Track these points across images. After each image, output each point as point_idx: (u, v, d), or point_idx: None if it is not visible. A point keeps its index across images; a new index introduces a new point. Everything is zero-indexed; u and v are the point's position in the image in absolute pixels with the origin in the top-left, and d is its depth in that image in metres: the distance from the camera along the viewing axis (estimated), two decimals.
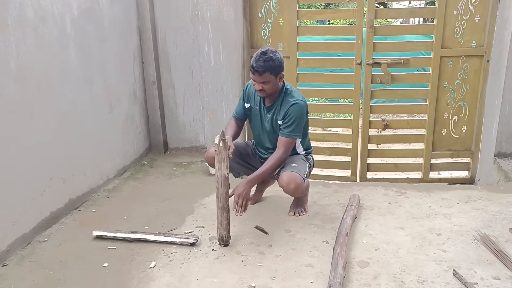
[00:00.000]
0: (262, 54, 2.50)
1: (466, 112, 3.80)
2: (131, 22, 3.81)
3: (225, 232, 2.41)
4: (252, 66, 2.51)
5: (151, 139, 4.27)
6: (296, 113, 2.60)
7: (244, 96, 2.82)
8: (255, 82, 2.57)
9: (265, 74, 2.50)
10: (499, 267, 2.14)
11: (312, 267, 2.21)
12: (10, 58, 2.37)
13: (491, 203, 2.91)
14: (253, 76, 2.54)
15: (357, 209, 2.79)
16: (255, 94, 2.74)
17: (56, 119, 2.79)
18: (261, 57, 2.49)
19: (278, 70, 2.54)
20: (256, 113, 2.77)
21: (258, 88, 2.57)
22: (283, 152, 2.62)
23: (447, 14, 3.59)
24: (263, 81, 2.52)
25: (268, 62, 2.49)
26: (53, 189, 2.75)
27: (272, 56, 2.50)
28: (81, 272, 2.21)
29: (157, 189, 3.38)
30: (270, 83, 2.55)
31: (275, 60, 2.51)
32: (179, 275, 2.16)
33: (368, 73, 3.79)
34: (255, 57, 2.52)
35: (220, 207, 2.40)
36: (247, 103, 2.80)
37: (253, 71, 2.51)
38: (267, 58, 2.49)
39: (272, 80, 2.54)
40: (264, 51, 2.52)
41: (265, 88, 2.56)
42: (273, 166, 2.60)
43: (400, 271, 2.15)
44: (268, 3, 3.80)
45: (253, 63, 2.51)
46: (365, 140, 3.93)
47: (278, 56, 2.54)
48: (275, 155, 2.61)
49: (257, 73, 2.50)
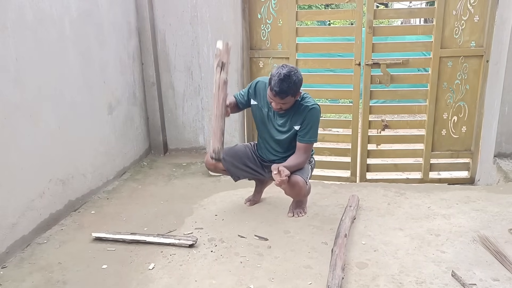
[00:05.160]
0: (285, 77, 2.39)
1: (465, 112, 3.80)
2: (130, 23, 3.81)
3: (219, 143, 2.35)
4: (274, 90, 2.41)
5: (151, 140, 4.27)
6: (314, 118, 2.61)
7: (251, 91, 2.73)
8: (271, 100, 2.51)
9: (287, 98, 2.46)
10: (498, 268, 2.14)
11: (311, 268, 2.21)
12: (9, 60, 2.38)
13: (490, 203, 2.91)
14: (273, 97, 2.46)
15: (356, 210, 2.79)
16: (265, 94, 2.65)
17: (56, 120, 2.79)
18: (285, 81, 2.39)
19: (299, 90, 2.51)
20: (263, 115, 2.72)
21: (276, 107, 2.52)
22: (306, 158, 2.67)
23: (446, 14, 3.59)
24: (283, 102, 2.49)
25: (292, 87, 2.42)
26: (52, 190, 2.75)
27: (295, 80, 2.42)
28: (80, 273, 2.22)
29: (157, 190, 3.38)
30: (289, 103, 2.53)
31: (297, 83, 2.45)
32: (178, 276, 2.16)
33: (367, 74, 3.79)
34: (277, 78, 2.40)
35: (215, 114, 2.33)
36: (254, 100, 2.73)
37: (274, 93, 2.43)
38: (290, 82, 2.40)
39: (291, 100, 2.51)
40: (287, 74, 2.40)
41: (284, 107, 2.54)
42: (297, 166, 2.62)
43: (398, 272, 2.14)
44: (267, 4, 3.80)
45: (276, 86, 2.40)
46: (364, 140, 3.93)
47: (300, 77, 2.47)
48: (298, 158, 2.63)
49: (278, 97, 2.44)
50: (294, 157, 2.64)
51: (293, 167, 2.59)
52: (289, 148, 2.73)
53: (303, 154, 2.65)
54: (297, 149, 2.67)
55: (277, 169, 2.45)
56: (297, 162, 2.62)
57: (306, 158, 2.68)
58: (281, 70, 2.43)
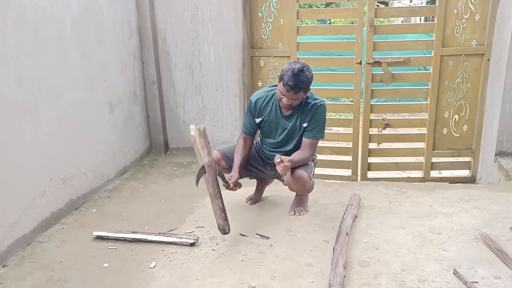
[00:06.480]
0: (299, 71, 2.39)
1: (467, 111, 3.80)
2: (131, 22, 3.81)
3: (221, 220, 2.38)
4: (288, 84, 2.40)
5: (152, 139, 4.27)
6: (322, 114, 2.61)
7: (253, 112, 2.71)
8: (283, 97, 2.49)
9: (300, 93, 2.46)
10: (499, 266, 2.14)
11: (313, 266, 2.21)
12: (10, 59, 2.37)
13: (492, 202, 2.90)
14: (286, 92, 2.45)
15: (357, 208, 2.78)
16: (267, 106, 2.67)
17: (56, 119, 2.79)
18: (299, 76, 2.39)
19: (310, 86, 2.51)
20: (273, 124, 2.71)
21: (287, 103, 2.51)
22: (311, 154, 2.66)
23: (448, 13, 3.58)
24: (295, 98, 2.49)
25: (305, 82, 2.43)
26: (53, 189, 2.75)
27: (308, 75, 2.43)
28: (81, 272, 2.21)
29: (158, 189, 3.38)
30: (300, 99, 2.53)
31: (310, 79, 2.46)
32: (179, 275, 2.16)
33: (368, 72, 3.78)
34: (291, 73, 2.40)
35: (210, 195, 2.39)
36: (258, 118, 2.72)
37: (288, 88, 2.41)
38: (304, 77, 2.41)
39: (302, 96, 2.52)
40: (301, 68, 2.41)
41: (294, 103, 2.53)
42: (301, 161, 2.61)
43: (400, 270, 2.14)
44: (268, 2, 3.80)
45: (290, 81, 2.39)
46: (365, 139, 3.93)
47: (312, 73, 2.48)
48: (303, 154, 2.62)
49: (292, 91, 2.43)
50: (299, 152, 2.63)
51: (297, 161, 2.57)
52: (297, 148, 2.72)
53: (308, 150, 2.64)
54: (302, 145, 2.66)
55: (279, 158, 2.44)
56: (302, 157, 2.61)
57: (311, 154, 2.67)
58: (294, 65, 2.43)
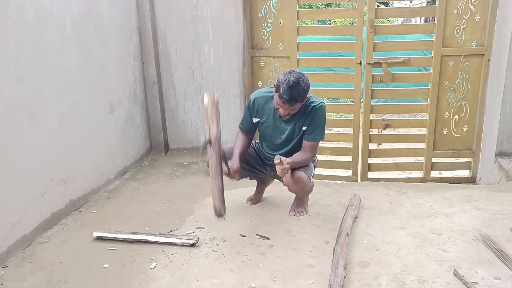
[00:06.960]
0: (294, 84, 2.36)
1: (467, 111, 3.80)
2: (131, 22, 3.81)
3: (218, 201, 2.34)
4: (284, 97, 2.37)
5: (152, 139, 4.27)
6: (321, 116, 2.60)
7: (251, 111, 2.70)
8: (279, 107, 2.48)
9: (296, 104, 2.44)
10: (500, 267, 2.14)
11: (313, 267, 2.20)
12: (10, 59, 2.37)
13: (492, 202, 2.90)
14: (282, 105, 2.43)
15: (357, 209, 2.78)
16: (265, 108, 2.66)
17: (57, 120, 2.79)
18: (294, 88, 2.36)
19: (306, 95, 2.49)
20: (271, 127, 2.69)
21: (285, 113, 2.50)
22: (311, 156, 2.66)
23: (448, 13, 3.59)
24: (292, 109, 2.48)
25: (301, 94, 2.40)
26: (53, 190, 2.75)
27: (304, 86, 2.40)
28: (81, 273, 2.21)
29: (158, 189, 3.38)
30: (297, 109, 2.52)
31: (306, 90, 2.43)
32: (179, 276, 2.16)
33: (368, 73, 3.78)
34: (286, 85, 2.36)
35: (211, 172, 2.34)
36: (256, 118, 2.71)
37: (284, 101, 2.39)
38: (299, 89, 2.38)
39: (299, 106, 2.50)
40: (296, 80, 2.37)
41: (292, 113, 2.52)
42: (302, 163, 2.61)
43: (400, 271, 2.14)
44: (268, 3, 3.80)
45: (285, 94, 2.36)
46: (366, 139, 3.93)
47: (308, 83, 2.45)
48: (304, 156, 2.61)
49: (287, 104, 2.41)
50: (300, 154, 2.63)
51: (297, 163, 2.57)
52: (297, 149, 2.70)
53: (309, 152, 2.64)
54: (303, 147, 2.65)
55: (279, 159, 2.44)
56: (302, 159, 2.61)
57: (312, 156, 2.67)
58: (289, 77, 2.39)
